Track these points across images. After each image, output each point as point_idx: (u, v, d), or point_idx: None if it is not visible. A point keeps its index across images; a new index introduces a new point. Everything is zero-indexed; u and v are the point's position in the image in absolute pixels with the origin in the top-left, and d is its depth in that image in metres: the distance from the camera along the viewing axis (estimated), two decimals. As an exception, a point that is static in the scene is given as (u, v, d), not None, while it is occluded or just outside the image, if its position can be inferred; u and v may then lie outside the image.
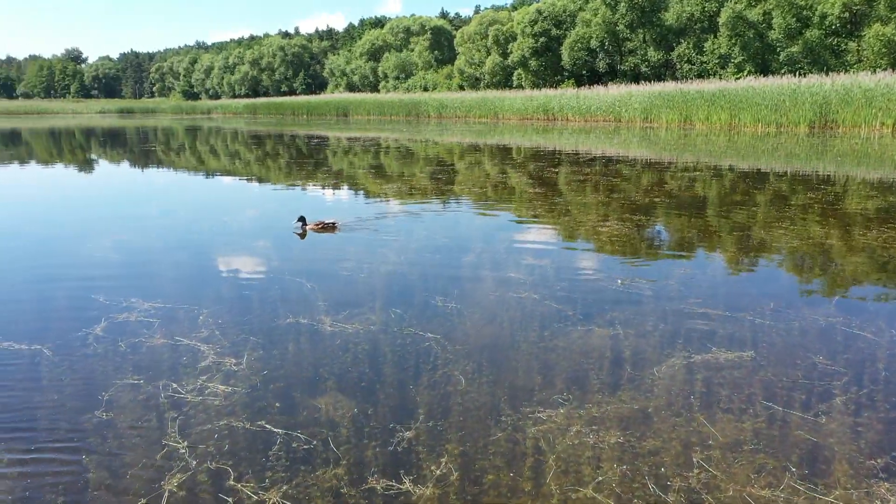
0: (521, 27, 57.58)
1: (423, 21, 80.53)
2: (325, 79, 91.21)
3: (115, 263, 6.71)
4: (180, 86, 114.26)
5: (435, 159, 19.86)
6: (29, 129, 47.46)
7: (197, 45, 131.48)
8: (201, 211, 10.52)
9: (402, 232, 8.17)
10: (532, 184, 12.82)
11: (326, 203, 11.28)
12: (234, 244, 7.74)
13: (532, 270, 6.18)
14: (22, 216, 10.07)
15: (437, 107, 53.42)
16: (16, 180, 15.82)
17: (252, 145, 27.80)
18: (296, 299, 5.37)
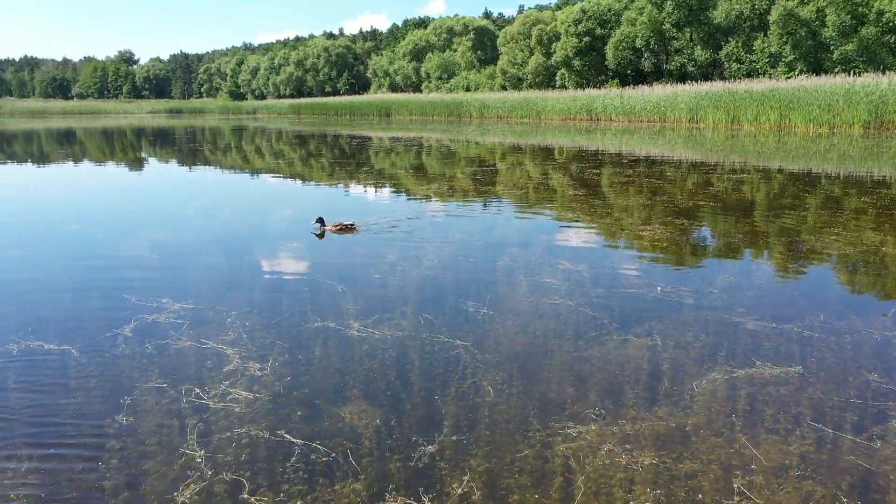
0: (565, 27, 56.98)
1: (466, 21, 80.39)
2: (368, 79, 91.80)
3: (149, 263, 6.72)
4: (227, 86, 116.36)
5: (475, 159, 19.71)
6: (83, 128, 48.83)
7: (244, 47, 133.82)
8: (240, 210, 10.57)
9: (438, 234, 8.05)
10: (573, 185, 12.57)
11: (367, 202, 11.24)
12: (268, 244, 7.72)
13: (568, 275, 5.99)
14: (69, 213, 10.23)
15: (478, 107, 53.23)
16: (67, 178, 16.21)
17: (295, 145, 28.07)
18: (325, 302, 5.28)
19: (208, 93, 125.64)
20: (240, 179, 15.49)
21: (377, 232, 8.15)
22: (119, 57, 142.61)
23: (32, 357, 4.23)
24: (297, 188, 13.93)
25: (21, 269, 6.57)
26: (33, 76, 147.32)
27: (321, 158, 21.33)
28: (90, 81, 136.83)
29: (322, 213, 8.40)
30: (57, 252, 7.42)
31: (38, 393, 3.73)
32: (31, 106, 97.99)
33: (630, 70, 53.87)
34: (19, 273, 6.44)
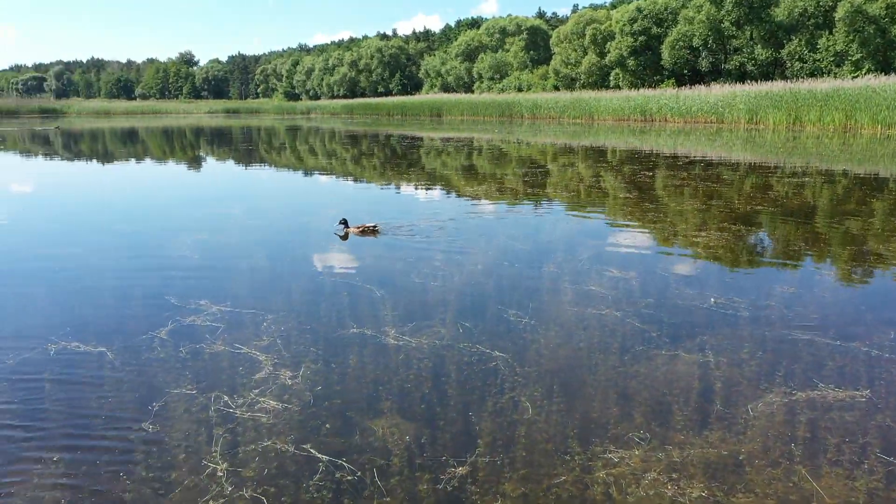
0: (620, 26, 56.00)
1: (519, 21, 79.82)
2: (420, 80, 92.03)
3: (192, 264, 6.72)
4: (282, 87, 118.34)
5: (526, 160, 19.43)
6: (145, 127, 50.26)
7: (299, 48, 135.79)
8: (287, 210, 10.57)
9: (484, 237, 7.87)
10: (625, 188, 12.23)
11: (415, 202, 11.11)
12: (311, 246, 7.66)
13: (616, 284, 5.73)
14: (123, 212, 10.41)
15: (530, 107, 52.75)
16: (126, 177, 16.61)
17: (347, 145, 28.25)
18: (363, 308, 5.16)
19: (264, 93, 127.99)
20: (290, 179, 15.61)
21: (422, 235, 8.00)
22: (180, 58, 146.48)
23: (68, 357, 4.22)
24: (346, 188, 13.90)
25: (70, 268, 6.65)
26: (99, 77, 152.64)
27: (372, 158, 21.38)
28: (152, 82, 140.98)
29: (370, 215, 8.33)
30: (106, 251, 7.50)
31: (69, 396, 3.69)
32: (97, 106, 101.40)
33: (686, 70, 52.59)
34: (67, 272, 6.52)
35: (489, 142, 28.20)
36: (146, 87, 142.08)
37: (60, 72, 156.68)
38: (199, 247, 7.52)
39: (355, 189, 13.65)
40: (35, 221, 9.73)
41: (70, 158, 22.72)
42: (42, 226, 9.38)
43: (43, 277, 6.33)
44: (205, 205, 11.47)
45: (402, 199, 11.93)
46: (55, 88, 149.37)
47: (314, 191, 13.89)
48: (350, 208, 10.36)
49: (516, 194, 11.82)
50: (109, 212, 10.58)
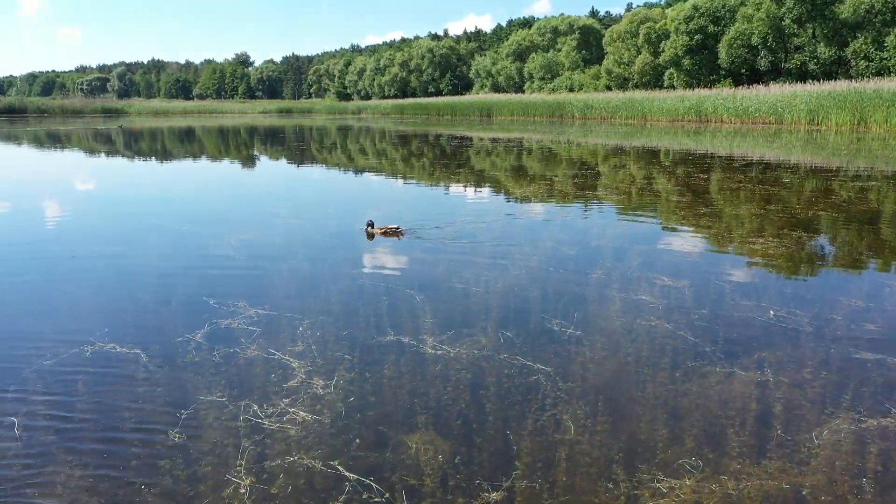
0: (675, 24, 54.80)
1: (571, 20, 78.91)
2: (470, 80, 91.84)
3: (234, 263, 6.68)
4: (334, 87, 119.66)
5: (576, 161, 19.08)
6: (201, 126, 51.43)
7: (352, 49, 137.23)
8: (333, 210, 10.51)
9: (530, 240, 7.64)
10: (678, 190, 11.84)
11: (465, 202, 10.86)
12: (355, 248, 7.55)
13: (667, 293, 5.45)
14: (173, 210, 10.50)
15: (581, 107, 52.04)
16: (180, 175, 16.89)
17: (398, 144, 28.29)
18: (402, 313, 5.01)
19: (317, 93, 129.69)
20: (340, 178, 15.60)
21: (468, 238, 7.82)
22: (236, 59, 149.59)
23: (104, 359, 4.18)
24: (394, 188, 13.79)
25: (113, 267, 6.69)
26: (159, 78, 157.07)
27: (421, 158, 21.32)
28: (209, 83, 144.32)
29: (416, 215, 8.41)
30: (151, 250, 7.55)
31: (100, 401, 3.63)
32: (156, 106, 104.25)
33: (744, 69, 51.12)
34: (110, 271, 6.55)
35: (539, 142, 27.84)
36: (203, 87, 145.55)
37: (123, 73, 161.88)
38: (242, 246, 7.49)
39: (403, 189, 13.56)
40: (89, 219, 9.88)
41: (130, 157, 23.32)
42: (95, 224, 9.52)
43: (89, 276, 6.37)
44: (253, 203, 11.50)
45: (449, 199, 11.77)
46: (117, 89, 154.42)
47: (362, 190, 13.80)
48: (396, 209, 10.31)
49: (565, 196, 11.53)
50: (161, 210, 10.69)
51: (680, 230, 8.34)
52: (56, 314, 5.20)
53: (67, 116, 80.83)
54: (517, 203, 10.99)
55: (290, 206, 10.95)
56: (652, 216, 9.50)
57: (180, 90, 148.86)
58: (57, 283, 6.10)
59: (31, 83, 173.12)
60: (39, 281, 6.16)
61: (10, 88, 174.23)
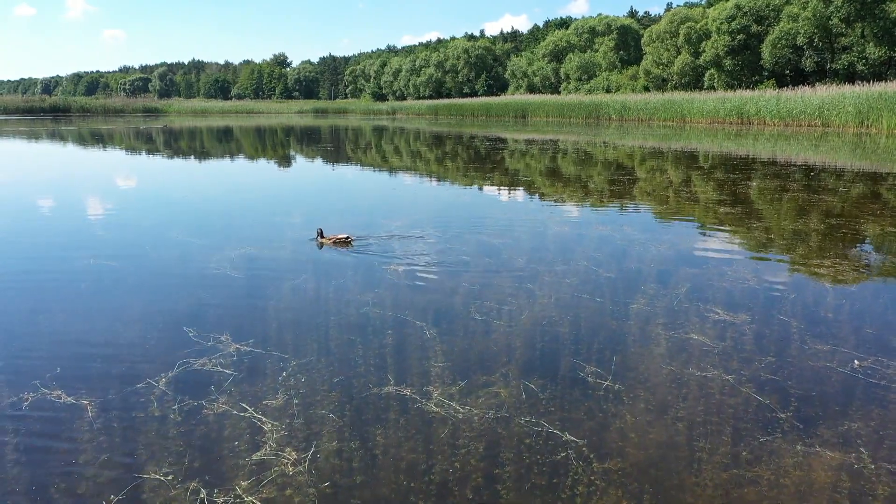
0: (717, 24, 53.66)
1: (609, 21, 77.93)
2: (506, 80, 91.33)
3: (228, 283, 6.05)
4: (370, 87, 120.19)
5: (613, 164, 18.52)
6: (239, 126, 51.86)
7: (388, 49, 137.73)
8: (355, 219, 9.62)
9: (562, 259, 6.91)
10: (725, 199, 10.97)
11: (495, 209, 9.88)
12: (368, 266, 6.78)
13: (723, 331, 4.67)
14: (184, 217, 9.88)
15: (618, 109, 51.25)
16: (204, 176, 16.24)
17: (432, 146, 28.00)
18: (408, 355, 4.34)
19: (353, 94, 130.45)
20: (368, 181, 15.02)
21: (494, 255, 7.12)
22: (274, 60, 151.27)
23: (41, 413, 3.56)
24: (425, 192, 13.04)
25: (94, 281, 6.13)
26: (199, 78, 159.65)
27: (455, 160, 20.99)
28: (247, 83, 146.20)
29: (444, 220, 7.92)
30: (144, 262, 6.94)
31: (22, 473, 3.06)
32: (195, 105, 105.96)
33: (788, 70, 49.82)
34: (90, 286, 5.98)
35: (574, 144, 27.33)
36: (241, 87, 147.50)
37: (164, 73, 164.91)
38: (243, 262, 6.86)
39: (434, 192, 12.85)
40: (89, 223, 9.29)
41: (170, 155, 23.39)
42: (96, 229, 8.94)
43: (62, 292, 5.81)
44: (270, 209, 10.81)
45: (479, 204, 11.01)
46: (159, 89, 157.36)
47: (389, 195, 13.01)
48: (422, 215, 9.48)
49: (601, 203, 10.81)
50: (170, 214, 10.10)
51: (731, 248, 7.52)
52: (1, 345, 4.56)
53: (109, 115, 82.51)
54: (549, 210, 10.27)
55: (309, 213, 10.33)
56: (697, 229, 8.73)
57: (219, 90, 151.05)
58: (16, 301, 5.54)
59: (76, 83, 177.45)
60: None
61: (56, 88, 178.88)
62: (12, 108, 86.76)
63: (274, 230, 8.91)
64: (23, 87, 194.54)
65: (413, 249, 7.46)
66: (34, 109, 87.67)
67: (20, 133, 38.42)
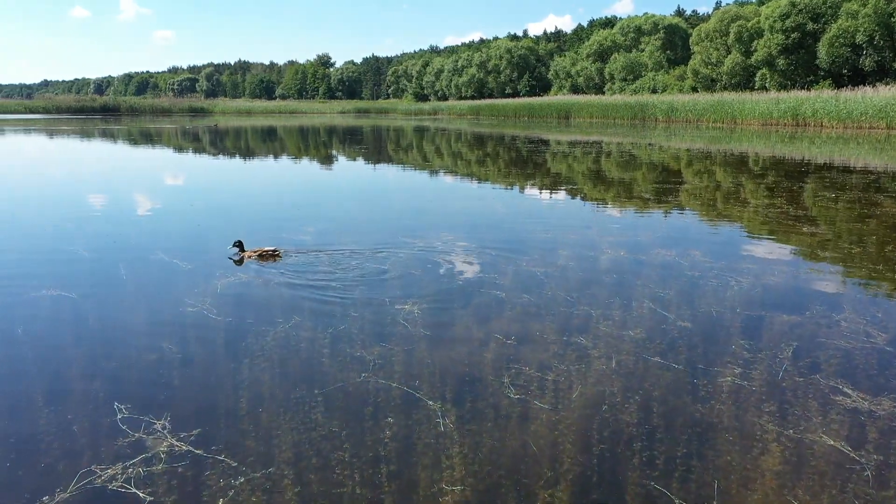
0: (770, 22, 51.70)
1: (655, 20, 76.14)
2: (549, 81, 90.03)
3: (201, 333, 4.77)
4: (412, 88, 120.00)
5: (663, 168, 17.55)
6: (282, 126, 51.99)
7: (430, 50, 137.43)
8: (384, 227, 8.31)
9: (618, 293, 5.62)
10: (808, 217, 9.56)
11: (537, 221, 8.63)
12: (381, 307, 5.51)
13: (862, 429, 3.37)
14: (175, 233, 8.89)
15: (665, 110, 49.78)
16: (234, 176, 15.26)
17: (473, 146, 27.34)
18: (414, 463, 3.14)
19: (395, 94, 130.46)
20: (403, 186, 14.03)
21: (536, 286, 5.86)
22: (317, 60, 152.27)
23: None
24: (459, 200, 11.47)
25: (35, 335, 5.02)
26: (244, 78, 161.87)
27: (497, 161, 20.34)
28: (291, 83, 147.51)
29: (479, 238, 6.77)
30: (112, 299, 5.68)
31: None
32: (239, 105, 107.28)
33: (846, 69, 47.68)
34: (23, 343, 4.88)
35: (619, 145, 26.37)
36: (286, 87, 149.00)
37: (210, 73, 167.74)
38: (226, 298, 5.60)
39: (468, 202, 11.23)
40: (75, 238, 8.10)
41: (213, 155, 23.30)
42: (82, 251, 7.73)
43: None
44: (288, 218, 9.48)
45: (518, 219, 9.53)
46: (205, 89, 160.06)
47: (426, 205, 11.46)
48: (452, 231, 8.14)
49: (659, 218, 9.41)
50: (171, 224, 9.04)
51: (832, 283, 6.09)
52: None
53: (156, 115, 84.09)
54: (599, 226, 8.82)
55: (330, 226, 9.03)
56: (784, 256, 7.17)
57: (264, 90, 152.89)
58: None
59: (126, 83, 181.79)
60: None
61: (108, 88, 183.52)
62: (64, 108, 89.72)
63: (287, 245, 7.41)
64: (76, 87, 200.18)
65: (435, 281, 6.11)
66: (85, 109, 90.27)
67: (65, 132, 38.73)
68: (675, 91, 60.90)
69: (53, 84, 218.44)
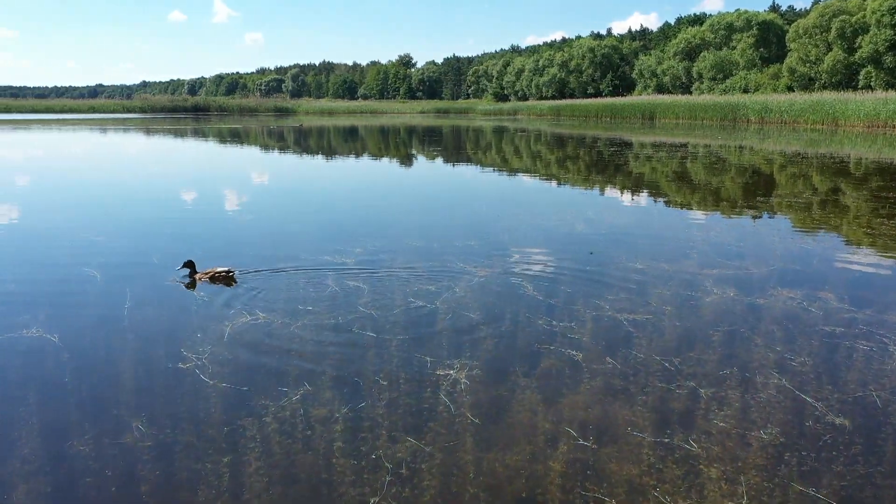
0: (877, 16, 48.30)
1: (748, 16, 72.81)
2: (633, 80, 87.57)
3: (192, 400, 3.92)
4: (492, 88, 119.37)
5: (748, 170, 16.34)
6: (363, 126, 52.47)
7: (511, 49, 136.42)
8: (434, 258, 7.22)
9: (738, 372, 4.35)
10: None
11: (626, 239, 7.26)
12: (419, 372, 4.45)
13: None
14: (211, 249, 8.00)
15: (758, 110, 47.24)
16: (300, 175, 14.53)
17: (553, 147, 26.61)
18: None
19: (475, 94, 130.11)
20: (476, 186, 12.76)
21: (607, 328, 4.67)
22: (399, 60, 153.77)
23: None
24: (533, 214, 10.01)
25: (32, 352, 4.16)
26: (328, 79, 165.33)
27: (577, 162, 19.62)
28: (373, 83, 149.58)
29: (553, 266, 5.70)
30: (100, 346, 4.87)
31: None
32: (322, 105, 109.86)
33: (964, 67, 44.11)
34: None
35: (707, 147, 25.04)
36: (367, 87, 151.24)
37: (296, 74, 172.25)
38: (231, 348, 4.57)
39: (543, 217, 9.77)
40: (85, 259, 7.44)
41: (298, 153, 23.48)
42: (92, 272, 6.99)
43: None
44: (332, 239, 8.41)
45: (600, 239, 8.19)
46: (291, 89, 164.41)
47: (500, 206, 10.42)
48: (520, 253, 6.92)
49: (769, 241, 7.88)
50: (206, 241, 8.19)
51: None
52: None
53: (244, 114, 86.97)
54: (698, 253, 7.37)
55: (384, 239, 7.87)
56: (859, 261, 5.63)
57: (346, 90, 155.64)
58: None
59: (217, 84, 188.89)
60: None
61: (200, 89, 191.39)
62: (158, 108, 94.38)
63: (316, 273, 6.43)
64: (172, 87, 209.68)
65: (493, 330, 4.88)
66: (178, 108, 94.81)
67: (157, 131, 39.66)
68: (769, 90, 57.97)
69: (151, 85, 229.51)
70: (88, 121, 61.19)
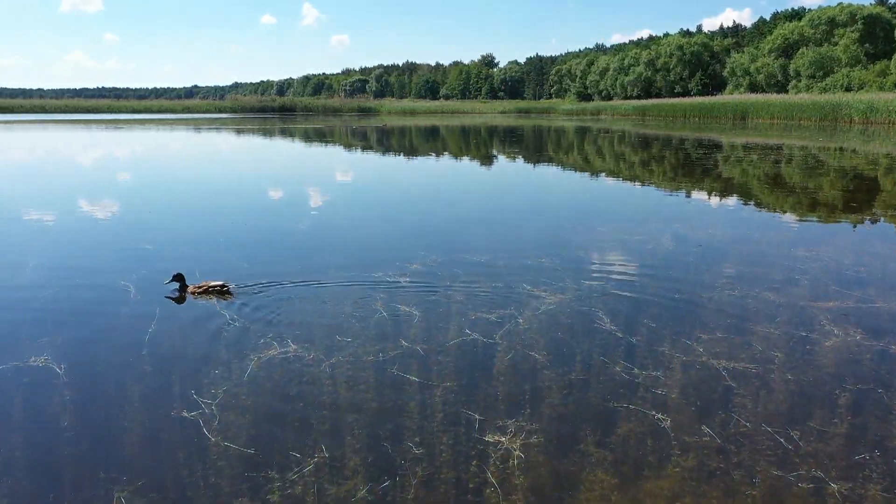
0: None
1: (852, 10, 68.32)
2: (723, 79, 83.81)
3: (172, 483, 3.32)
4: (575, 87, 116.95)
5: (854, 174, 14.91)
6: (444, 125, 52.27)
7: (596, 48, 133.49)
8: (504, 283, 6.47)
9: (882, 469, 3.42)
10: None
11: (718, 255, 6.28)
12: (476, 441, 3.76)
13: None
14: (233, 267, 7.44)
15: (863, 110, 44.02)
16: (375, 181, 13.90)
17: (638, 148, 25.40)
18: None
19: (557, 94, 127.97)
20: (554, 191, 11.74)
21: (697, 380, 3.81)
22: (481, 61, 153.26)
23: None
24: (610, 224, 9.18)
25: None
26: (411, 79, 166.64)
27: (662, 163, 18.49)
28: (455, 83, 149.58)
29: (633, 294, 4.87)
30: (106, 389, 4.35)
31: None
32: (404, 105, 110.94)
33: None
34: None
35: (803, 149, 23.21)
36: (449, 87, 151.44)
37: (380, 74, 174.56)
38: (250, 388, 4.00)
39: (622, 230, 8.83)
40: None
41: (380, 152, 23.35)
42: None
43: None
44: (371, 261, 7.74)
45: (691, 247, 7.23)
46: (374, 89, 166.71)
47: (576, 216, 9.29)
48: (596, 276, 6.04)
49: (890, 254, 6.79)
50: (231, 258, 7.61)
51: None
52: None
53: (328, 114, 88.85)
54: (807, 280, 6.31)
55: (451, 252, 7.08)
56: None
57: (428, 90, 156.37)
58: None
59: (304, 85, 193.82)
60: None
61: (288, 90, 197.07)
62: (248, 108, 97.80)
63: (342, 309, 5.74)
64: (261, 88, 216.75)
65: (558, 381, 4.09)
66: (265, 109, 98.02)
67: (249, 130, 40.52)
68: (875, 89, 54.13)
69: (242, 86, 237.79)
70: (183, 120, 63.23)
